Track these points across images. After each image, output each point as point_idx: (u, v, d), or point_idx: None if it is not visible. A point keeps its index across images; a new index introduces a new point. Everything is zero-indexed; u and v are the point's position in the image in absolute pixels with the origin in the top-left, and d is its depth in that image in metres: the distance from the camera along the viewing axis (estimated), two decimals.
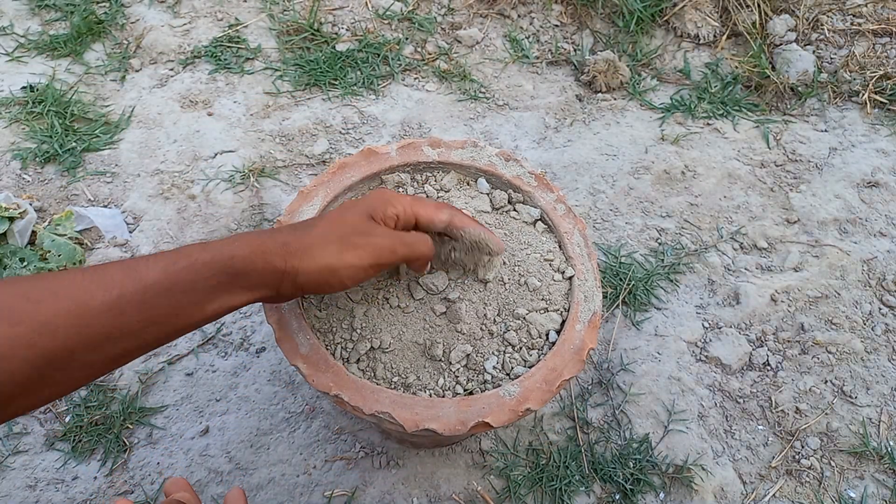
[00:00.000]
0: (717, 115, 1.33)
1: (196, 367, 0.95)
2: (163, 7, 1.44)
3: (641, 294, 1.05)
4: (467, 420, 0.60)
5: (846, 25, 1.46)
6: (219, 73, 1.33)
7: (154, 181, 1.16)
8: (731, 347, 1.00)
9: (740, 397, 0.96)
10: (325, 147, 1.22)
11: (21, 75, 1.29)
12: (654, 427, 0.92)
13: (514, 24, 1.46)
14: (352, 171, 0.75)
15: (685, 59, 1.42)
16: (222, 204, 1.13)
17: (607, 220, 1.15)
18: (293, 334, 0.63)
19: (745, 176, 1.24)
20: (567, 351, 0.65)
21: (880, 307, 1.07)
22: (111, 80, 1.31)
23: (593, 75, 1.35)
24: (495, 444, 0.90)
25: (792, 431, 0.93)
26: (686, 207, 1.18)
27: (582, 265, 0.70)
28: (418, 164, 0.76)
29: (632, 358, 0.99)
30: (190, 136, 1.22)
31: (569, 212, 0.74)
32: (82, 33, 1.35)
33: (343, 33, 1.40)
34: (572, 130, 1.30)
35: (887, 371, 0.99)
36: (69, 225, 1.05)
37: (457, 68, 1.37)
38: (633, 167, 1.23)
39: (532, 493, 0.86)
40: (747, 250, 1.13)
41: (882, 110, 1.36)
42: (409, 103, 1.31)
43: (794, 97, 1.37)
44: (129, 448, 0.88)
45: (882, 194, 1.22)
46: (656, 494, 0.87)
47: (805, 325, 1.03)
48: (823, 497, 0.88)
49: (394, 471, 0.87)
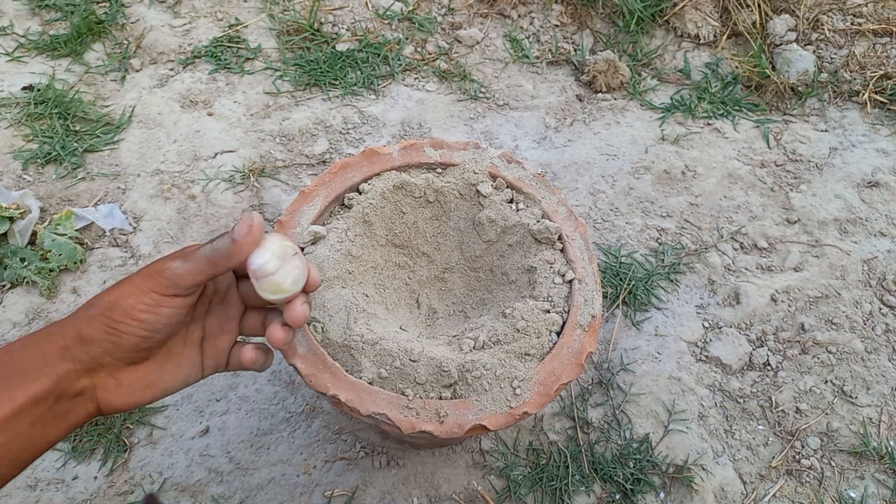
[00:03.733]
0: (718, 115, 1.33)
1: None
2: (163, 7, 1.43)
3: (641, 294, 1.05)
4: (464, 423, 0.60)
5: (846, 25, 1.46)
6: (219, 73, 1.33)
7: (154, 181, 1.16)
8: (731, 347, 1.00)
9: (740, 397, 0.96)
10: (326, 147, 1.22)
11: (21, 75, 1.29)
12: (655, 427, 0.92)
13: (514, 24, 1.46)
14: (353, 172, 0.75)
15: (685, 59, 1.42)
16: (222, 204, 1.13)
17: (607, 220, 1.15)
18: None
19: (746, 176, 1.24)
20: (566, 354, 0.65)
21: (880, 307, 1.07)
22: (111, 80, 1.31)
23: (593, 75, 1.35)
24: (495, 444, 0.90)
25: (792, 431, 0.93)
26: (686, 207, 1.18)
27: (582, 268, 0.70)
28: (420, 165, 0.76)
29: (632, 358, 0.99)
30: (190, 136, 1.22)
31: (570, 214, 0.74)
32: (82, 33, 1.35)
33: (343, 33, 1.40)
34: (572, 130, 1.30)
35: (887, 371, 0.99)
36: (69, 225, 1.05)
37: (457, 68, 1.37)
38: (633, 167, 1.23)
39: (532, 492, 0.86)
40: (747, 250, 1.13)
41: (882, 110, 1.36)
42: (409, 103, 1.31)
43: (794, 97, 1.37)
44: (130, 448, 0.88)
45: (882, 194, 1.22)
46: (656, 494, 0.87)
47: (805, 325, 1.03)
48: (823, 497, 0.88)
49: (394, 471, 0.87)
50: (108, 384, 0.47)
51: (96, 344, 0.46)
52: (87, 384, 0.47)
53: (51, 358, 0.45)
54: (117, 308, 0.46)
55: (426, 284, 0.78)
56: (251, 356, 0.53)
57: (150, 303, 0.46)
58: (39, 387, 0.44)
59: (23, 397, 0.43)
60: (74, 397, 0.46)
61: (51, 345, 0.45)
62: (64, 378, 0.45)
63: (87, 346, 0.46)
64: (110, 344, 0.46)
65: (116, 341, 0.46)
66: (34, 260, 1.01)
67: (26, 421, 0.43)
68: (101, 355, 0.46)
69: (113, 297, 0.46)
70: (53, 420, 0.45)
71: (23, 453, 0.44)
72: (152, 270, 0.47)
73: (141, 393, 0.49)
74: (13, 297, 1.00)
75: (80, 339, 0.46)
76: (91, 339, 0.46)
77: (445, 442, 0.86)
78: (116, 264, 1.05)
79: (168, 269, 0.47)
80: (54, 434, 0.46)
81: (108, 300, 0.46)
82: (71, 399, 0.46)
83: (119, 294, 0.46)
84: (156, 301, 0.46)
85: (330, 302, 0.66)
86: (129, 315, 0.46)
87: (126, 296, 0.46)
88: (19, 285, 1.01)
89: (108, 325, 0.46)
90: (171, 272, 0.47)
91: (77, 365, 0.46)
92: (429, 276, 0.78)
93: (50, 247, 1.02)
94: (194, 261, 0.47)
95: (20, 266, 1.01)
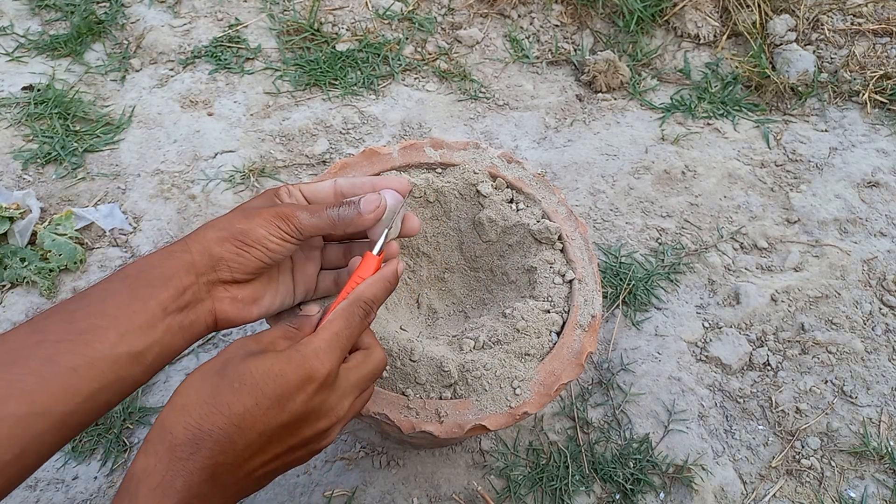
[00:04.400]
0: (718, 115, 1.34)
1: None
2: (163, 7, 1.43)
3: (641, 294, 1.05)
4: (464, 423, 0.60)
5: (846, 25, 1.46)
6: (219, 73, 1.33)
7: (154, 181, 1.16)
8: (731, 347, 1.00)
9: (740, 397, 0.96)
10: (326, 147, 1.22)
11: (21, 75, 1.29)
12: (655, 427, 0.92)
13: (514, 24, 1.46)
14: (353, 172, 0.75)
15: (685, 58, 1.42)
16: (222, 204, 1.13)
17: (607, 220, 1.16)
18: None
19: (746, 176, 1.24)
20: (566, 354, 0.65)
21: (880, 307, 1.07)
22: (111, 80, 1.31)
23: (593, 75, 1.35)
24: (495, 444, 0.90)
25: (792, 431, 0.93)
26: (686, 207, 1.18)
27: (582, 268, 0.70)
28: (420, 165, 0.76)
29: (632, 358, 0.99)
30: (190, 136, 1.22)
31: (570, 214, 0.74)
32: (82, 33, 1.35)
33: (343, 33, 1.40)
34: (572, 130, 1.30)
35: (887, 371, 0.99)
36: (69, 225, 1.05)
37: (457, 68, 1.37)
38: (633, 167, 1.23)
39: (532, 493, 0.86)
40: (747, 250, 1.13)
41: (882, 110, 1.36)
42: (409, 103, 1.31)
43: (794, 97, 1.37)
44: (130, 448, 0.88)
45: (882, 194, 1.22)
46: (656, 494, 0.87)
47: (805, 325, 1.03)
48: (823, 497, 0.88)
49: (394, 471, 0.87)
50: (223, 296, 0.53)
51: (223, 261, 0.52)
52: (206, 296, 0.52)
53: (177, 271, 0.50)
54: (249, 235, 0.52)
55: (426, 284, 0.78)
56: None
57: (278, 237, 0.53)
58: (168, 295, 0.49)
59: (155, 307, 0.48)
60: (197, 308, 0.52)
61: (175, 261, 0.51)
62: (189, 288, 0.50)
63: (213, 262, 0.52)
64: (237, 263, 0.53)
65: (242, 262, 0.53)
66: (34, 260, 1.01)
67: (160, 329, 0.48)
68: (224, 272, 0.52)
69: (244, 225, 0.52)
70: (180, 330, 0.50)
71: (156, 361, 0.49)
72: (281, 213, 0.53)
73: (248, 309, 0.55)
74: (13, 297, 1.00)
75: (208, 255, 0.51)
76: (220, 257, 0.52)
77: (445, 442, 0.86)
78: (116, 264, 1.05)
79: (297, 218, 0.54)
80: (180, 344, 0.51)
81: (241, 227, 0.52)
82: (194, 310, 0.51)
83: (250, 224, 0.52)
84: (281, 236, 0.53)
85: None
86: (259, 242, 0.52)
87: (257, 226, 0.52)
88: (19, 285, 1.01)
89: (238, 247, 0.52)
90: (300, 222, 0.54)
91: (200, 279, 0.51)
92: (429, 276, 0.78)
93: (50, 247, 1.02)
94: (320, 218, 0.54)
95: (20, 266, 1.01)
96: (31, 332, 0.45)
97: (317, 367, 0.46)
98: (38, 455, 0.43)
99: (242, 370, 0.44)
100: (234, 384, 0.43)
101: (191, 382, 0.45)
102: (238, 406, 0.43)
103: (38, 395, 0.42)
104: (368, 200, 0.55)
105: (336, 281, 0.63)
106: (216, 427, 0.42)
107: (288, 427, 0.45)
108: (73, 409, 0.44)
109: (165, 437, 0.42)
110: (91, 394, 0.45)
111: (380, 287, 0.53)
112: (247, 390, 0.43)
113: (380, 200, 0.56)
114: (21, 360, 0.43)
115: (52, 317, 0.46)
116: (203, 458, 0.42)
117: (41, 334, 0.45)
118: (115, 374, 0.46)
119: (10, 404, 0.41)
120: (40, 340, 0.44)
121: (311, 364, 0.46)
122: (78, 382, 0.44)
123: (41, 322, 0.46)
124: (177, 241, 0.52)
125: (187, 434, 0.42)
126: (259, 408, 0.43)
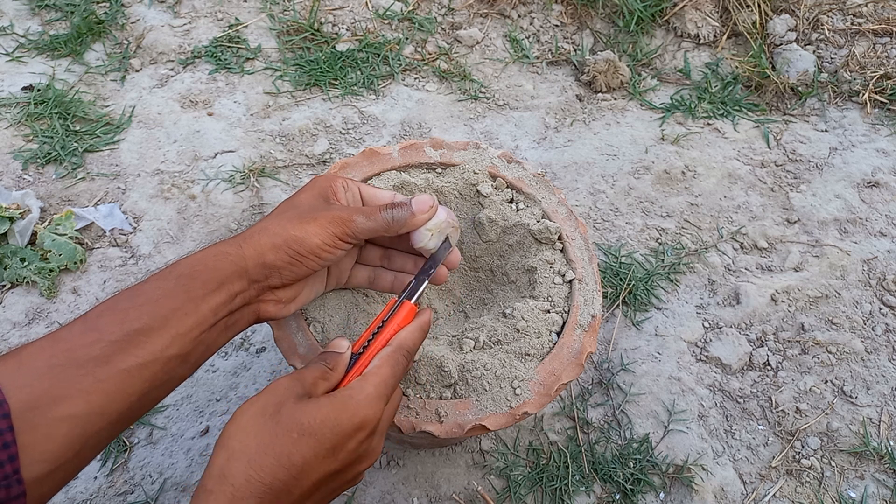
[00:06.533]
0: (718, 115, 1.34)
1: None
2: (163, 7, 1.43)
3: (641, 294, 1.05)
4: (464, 423, 0.60)
5: (846, 25, 1.46)
6: (219, 73, 1.33)
7: (154, 181, 1.16)
8: (731, 347, 1.00)
9: (740, 397, 0.96)
10: (326, 147, 1.22)
11: (21, 75, 1.29)
12: (655, 427, 0.92)
13: (514, 24, 1.46)
14: (353, 172, 0.75)
15: (685, 59, 1.42)
16: (222, 204, 1.13)
17: (607, 220, 1.16)
18: (292, 334, 0.63)
19: (746, 176, 1.24)
20: (566, 354, 0.65)
21: (880, 307, 1.07)
22: (111, 80, 1.31)
23: (593, 75, 1.35)
24: (495, 444, 0.90)
25: (792, 431, 0.93)
26: (686, 207, 1.18)
27: (582, 268, 0.70)
28: (420, 165, 0.76)
29: (632, 358, 0.99)
30: (190, 136, 1.22)
31: (570, 214, 0.74)
32: (82, 33, 1.35)
33: (343, 33, 1.40)
34: (572, 130, 1.30)
35: (887, 371, 0.99)
36: (69, 225, 1.05)
37: (457, 68, 1.37)
38: (633, 167, 1.23)
39: (532, 493, 0.86)
40: (747, 250, 1.13)
41: (882, 110, 1.36)
42: (409, 103, 1.31)
43: (794, 97, 1.37)
44: (130, 448, 0.88)
45: (882, 194, 1.22)
46: (656, 494, 0.87)
47: (805, 325, 1.03)
48: (823, 497, 0.88)
49: (394, 471, 0.87)
50: (268, 298, 0.55)
51: (276, 270, 0.53)
52: (254, 300, 0.54)
53: (230, 276, 0.51)
54: (304, 244, 0.53)
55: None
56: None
57: (332, 244, 0.54)
58: (220, 301, 0.50)
59: (206, 311, 0.50)
60: (243, 309, 0.53)
61: (229, 264, 0.51)
62: (240, 294, 0.52)
63: (266, 271, 0.53)
64: (289, 272, 0.54)
65: (296, 270, 0.54)
66: (34, 260, 1.01)
67: (208, 330, 0.50)
68: (276, 279, 0.54)
69: (299, 233, 0.53)
70: (225, 329, 0.53)
71: (200, 359, 0.51)
72: (337, 218, 0.54)
73: (288, 307, 0.57)
74: (13, 297, 1.00)
75: (262, 264, 0.52)
76: (273, 266, 0.53)
77: (445, 442, 0.86)
78: (116, 264, 1.05)
79: (353, 222, 0.54)
80: (223, 342, 0.53)
81: (296, 235, 0.52)
82: (239, 311, 0.53)
83: (305, 232, 0.53)
84: (335, 244, 0.54)
85: (330, 302, 0.66)
86: (313, 252, 0.53)
87: (313, 235, 0.53)
88: (19, 285, 1.01)
89: (293, 256, 0.53)
90: (356, 225, 0.54)
91: (251, 286, 0.53)
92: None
93: (50, 247, 1.02)
94: (376, 221, 0.55)
95: (20, 266, 1.01)
96: (85, 330, 0.46)
97: (369, 415, 0.48)
98: (93, 451, 0.46)
99: (300, 417, 0.46)
100: (292, 434, 0.45)
101: (246, 426, 0.46)
102: (297, 457, 0.45)
103: (94, 395, 0.44)
104: (421, 201, 0.57)
105: (371, 279, 0.65)
106: (277, 480, 0.44)
107: (336, 473, 0.48)
108: (126, 408, 0.46)
109: (227, 489, 0.43)
110: (143, 393, 0.47)
111: (418, 336, 0.55)
112: (306, 441, 0.45)
113: (432, 201, 0.57)
114: (77, 360, 0.44)
115: (104, 314, 0.47)
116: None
117: (96, 333, 0.46)
118: (166, 374, 0.48)
119: (69, 404, 0.43)
120: (95, 340, 0.45)
121: (365, 413, 0.48)
122: (132, 383, 0.46)
123: (94, 320, 0.47)
124: (229, 241, 0.53)
125: (250, 488, 0.43)
126: (316, 458, 0.46)
